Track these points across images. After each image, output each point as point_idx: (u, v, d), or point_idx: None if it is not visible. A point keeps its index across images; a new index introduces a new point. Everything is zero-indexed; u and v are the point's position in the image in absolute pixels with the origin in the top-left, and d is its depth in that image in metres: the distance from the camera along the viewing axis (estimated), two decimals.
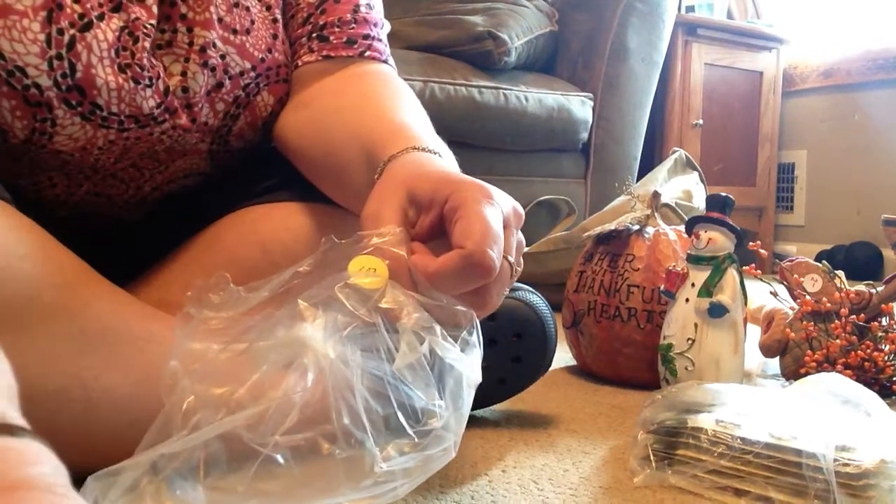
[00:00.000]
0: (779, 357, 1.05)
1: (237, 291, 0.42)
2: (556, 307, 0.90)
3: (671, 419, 0.65)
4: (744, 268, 0.91)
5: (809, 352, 0.96)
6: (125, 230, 0.76)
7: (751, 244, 1.01)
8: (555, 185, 2.01)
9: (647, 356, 0.97)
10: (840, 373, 0.87)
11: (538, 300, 0.78)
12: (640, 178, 1.85)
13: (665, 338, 0.90)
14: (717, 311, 0.86)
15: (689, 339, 0.87)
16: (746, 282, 0.89)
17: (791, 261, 1.05)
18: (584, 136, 2.04)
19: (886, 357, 0.93)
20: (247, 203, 0.70)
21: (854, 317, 0.95)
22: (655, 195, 1.07)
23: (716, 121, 2.73)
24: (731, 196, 0.90)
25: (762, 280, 1.04)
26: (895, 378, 0.94)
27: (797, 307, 1.02)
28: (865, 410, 0.63)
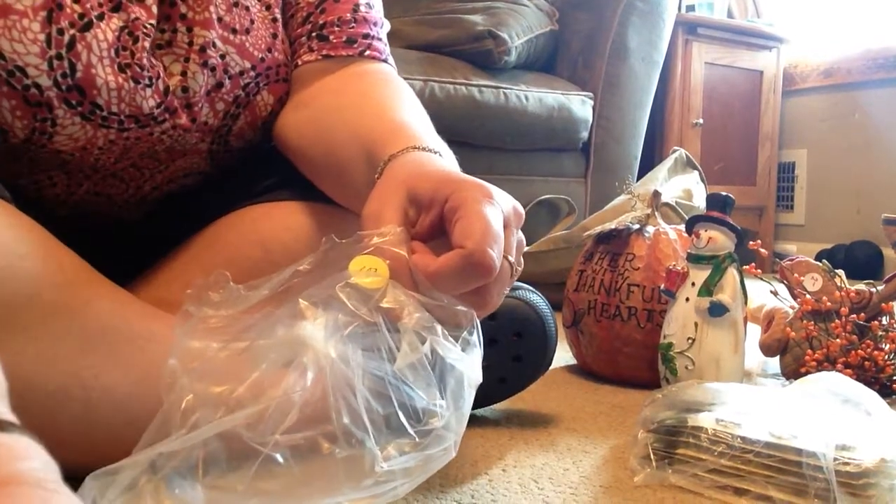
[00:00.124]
0: (779, 356, 1.05)
1: (237, 290, 0.42)
2: (557, 306, 0.90)
3: (671, 418, 0.65)
4: (744, 267, 0.91)
5: (810, 351, 0.96)
6: (125, 229, 0.76)
7: (751, 243, 1.01)
8: (555, 185, 2.01)
9: (648, 355, 0.97)
10: (840, 372, 0.87)
11: (538, 299, 0.78)
12: (641, 178, 1.85)
13: (665, 337, 0.90)
14: (718, 311, 0.86)
15: (690, 339, 0.87)
16: (747, 281, 0.89)
17: (791, 260, 1.05)
18: (585, 136, 2.04)
19: (887, 356, 0.93)
20: (247, 202, 0.70)
21: (854, 316, 0.95)
22: (656, 194, 1.07)
23: (716, 120, 2.73)
24: (732, 195, 0.90)
25: (762, 279, 1.04)
26: (895, 377, 0.94)
27: (797, 306, 1.02)
28: (866, 409, 0.63)
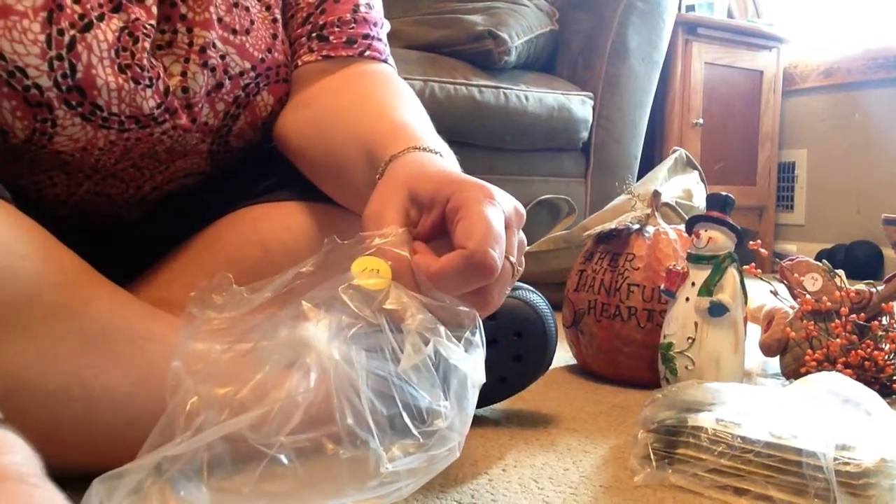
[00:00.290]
0: (779, 356, 1.05)
1: (240, 292, 0.42)
2: (557, 306, 0.90)
3: (671, 418, 0.65)
4: (744, 267, 0.91)
5: (810, 351, 0.96)
6: (125, 230, 0.76)
7: (751, 243, 1.01)
8: (555, 185, 2.01)
9: (648, 355, 0.97)
10: (840, 372, 0.87)
11: (538, 299, 0.78)
12: (641, 178, 1.85)
13: (665, 337, 0.90)
14: (718, 311, 0.86)
15: (690, 338, 0.87)
16: (746, 281, 0.89)
17: (791, 260, 1.05)
18: (585, 136, 2.04)
19: (887, 356, 0.94)
20: (247, 203, 0.70)
21: (854, 316, 0.95)
22: (656, 194, 1.07)
23: (716, 120, 2.73)
24: (732, 195, 0.90)
25: (762, 279, 1.04)
26: (895, 377, 0.94)
27: (797, 306, 1.02)
28: (866, 409, 0.63)
